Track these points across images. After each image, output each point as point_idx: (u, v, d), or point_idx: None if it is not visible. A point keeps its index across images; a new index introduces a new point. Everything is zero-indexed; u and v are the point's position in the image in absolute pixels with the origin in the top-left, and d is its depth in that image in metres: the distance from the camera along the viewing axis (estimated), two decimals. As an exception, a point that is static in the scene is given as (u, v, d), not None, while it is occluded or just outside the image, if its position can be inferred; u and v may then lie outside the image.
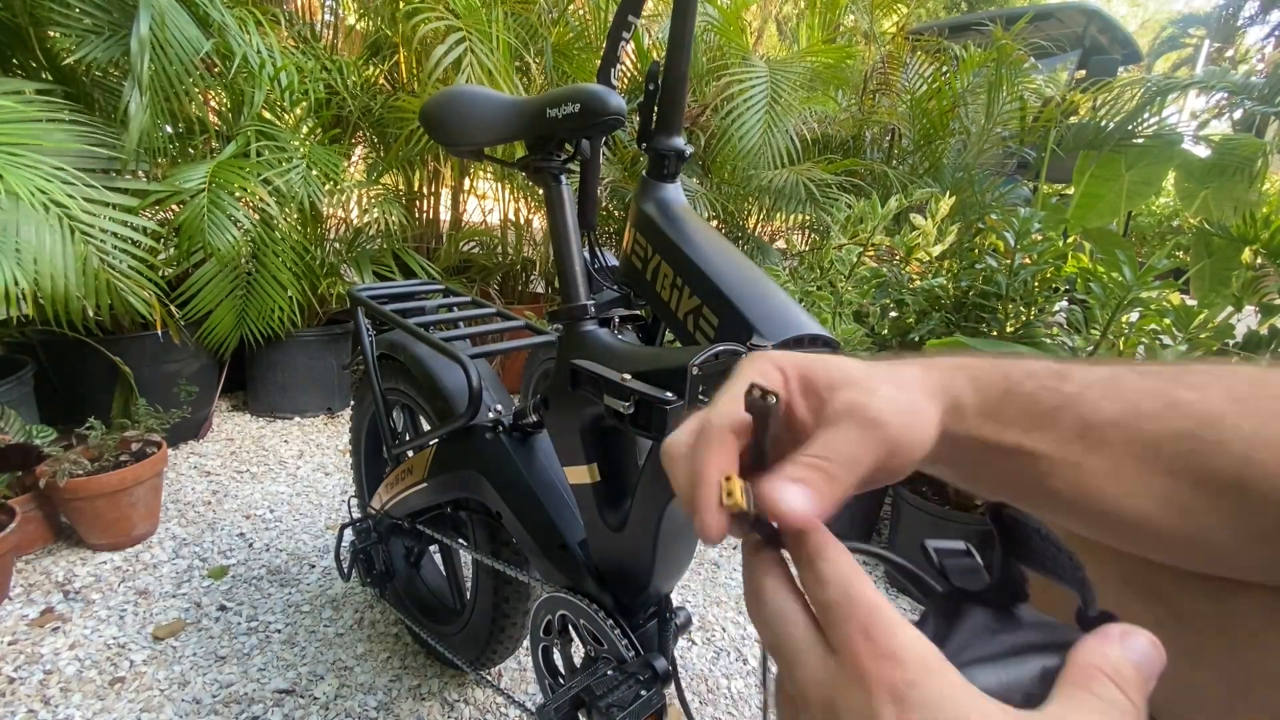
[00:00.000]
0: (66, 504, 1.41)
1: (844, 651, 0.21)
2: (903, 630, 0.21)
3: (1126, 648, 0.22)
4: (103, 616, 1.27)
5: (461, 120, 0.80)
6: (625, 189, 2.46)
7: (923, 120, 2.80)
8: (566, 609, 0.78)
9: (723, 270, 0.68)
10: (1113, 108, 2.54)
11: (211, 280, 1.87)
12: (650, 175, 0.81)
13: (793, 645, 0.23)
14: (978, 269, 1.61)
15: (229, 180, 1.72)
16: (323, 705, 1.10)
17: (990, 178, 2.71)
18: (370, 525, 1.12)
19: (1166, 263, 1.37)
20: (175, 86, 1.65)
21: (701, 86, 2.67)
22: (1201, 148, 2.70)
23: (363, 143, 2.60)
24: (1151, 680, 0.22)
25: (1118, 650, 0.22)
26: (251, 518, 1.65)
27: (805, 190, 2.37)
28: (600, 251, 0.89)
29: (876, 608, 0.21)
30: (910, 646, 0.20)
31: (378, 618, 1.31)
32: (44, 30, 1.64)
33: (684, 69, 0.76)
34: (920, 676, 0.20)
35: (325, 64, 2.16)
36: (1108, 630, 0.22)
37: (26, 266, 1.31)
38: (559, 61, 2.49)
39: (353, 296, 1.07)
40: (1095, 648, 0.22)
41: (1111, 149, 2.59)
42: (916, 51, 3.03)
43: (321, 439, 2.13)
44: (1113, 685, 0.21)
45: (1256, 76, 2.70)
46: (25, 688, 1.10)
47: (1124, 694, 0.21)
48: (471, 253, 2.94)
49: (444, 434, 0.91)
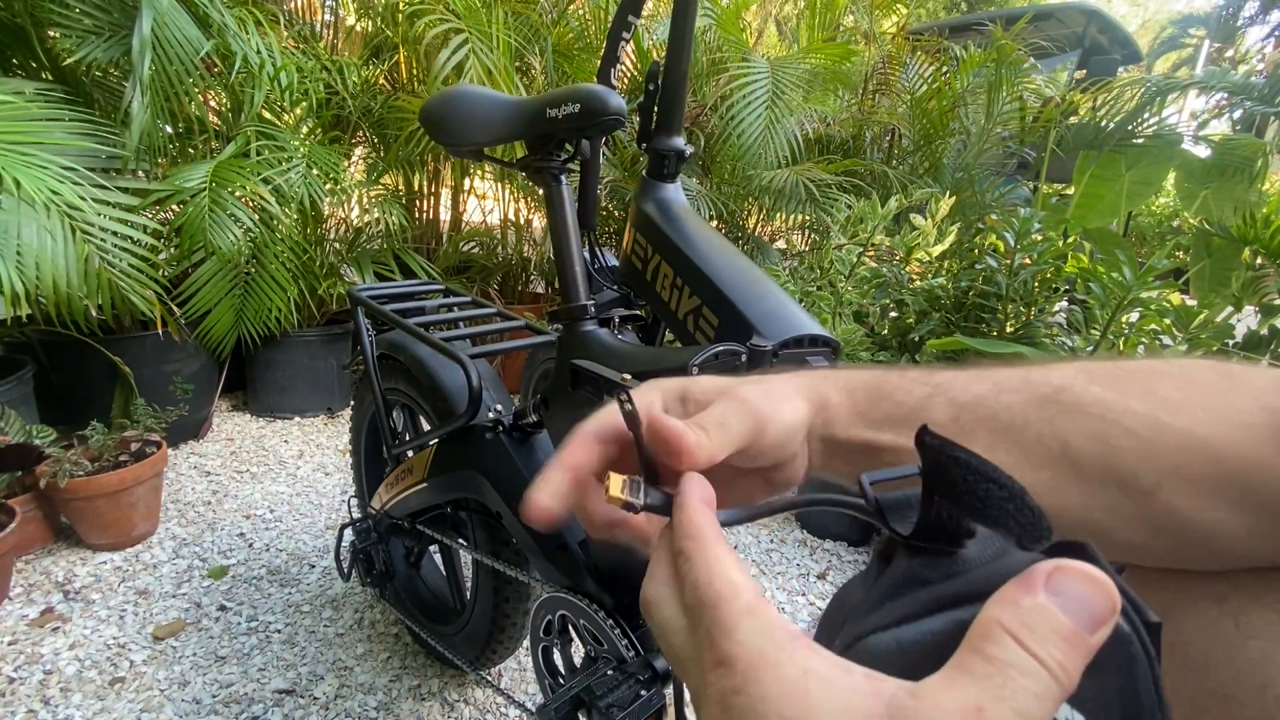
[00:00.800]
0: (66, 504, 1.41)
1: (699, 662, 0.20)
2: (743, 626, 0.19)
3: (1052, 590, 0.17)
4: (103, 616, 1.27)
5: (461, 120, 0.79)
6: (625, 189, 2.46)
7: (923, 120, 2.80)
8: (566, 609, 0.78)
9: (723, 270, 0.68)
10: (1113, 108, 2.54)
11: (211, 280, 1.87)
12: (650, 175, 0.81)
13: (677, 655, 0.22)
14: (978, 269, 1.61)
15: (229, 180, 1.72)
16: (323, 705, 1.10)
17: (990, 178, 2.71)
18: (370, 525, 1.12)
19: (1166, 263, 1.37)
20: (176, 86, 1.65)
21: (701, 86, 2.67)
22: (1201, 148, 2.70)
23: (363, 143, 2.60)
24: (1094, 629, 0.17)
25: (1037, 596, 0.17)
26: (251, 518, 1.65)
27: (805, 190, 2.37)
28: (600, 251, 0.89)
29: (719, 604, 0.20)
30: (745, 644, 0.19)
31: (378, 618, 1.31)
32: (45, 30, 1.64)
33: (684, 69, 0.76)
34: (745, 682, 0.18)
35: (325, 64, 2.16)
36: (1034, 570, 0.17)
37: (28, 268, 1.31)
38: (559, 62, 2.49)
39: (353, 296, 1.07)
40: (1009, 594, 0.17)
41: (1111, 149, 2.59)
42: (916, 52, 3.03)
43: (321, 439, 2.13)
44: (1013, 643, 0.16)
45: (1256, 76, 2.69)
46: (25, 688, 1.10)
47: (1030, 652, 0.16)
48: (471, 253, 2.94)
49: (444, 434, 0.91)
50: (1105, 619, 0.17)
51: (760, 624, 0.19)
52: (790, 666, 0.18)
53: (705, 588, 0.21)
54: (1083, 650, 0.17)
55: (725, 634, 0.19)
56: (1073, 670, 0.16)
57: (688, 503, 0.24)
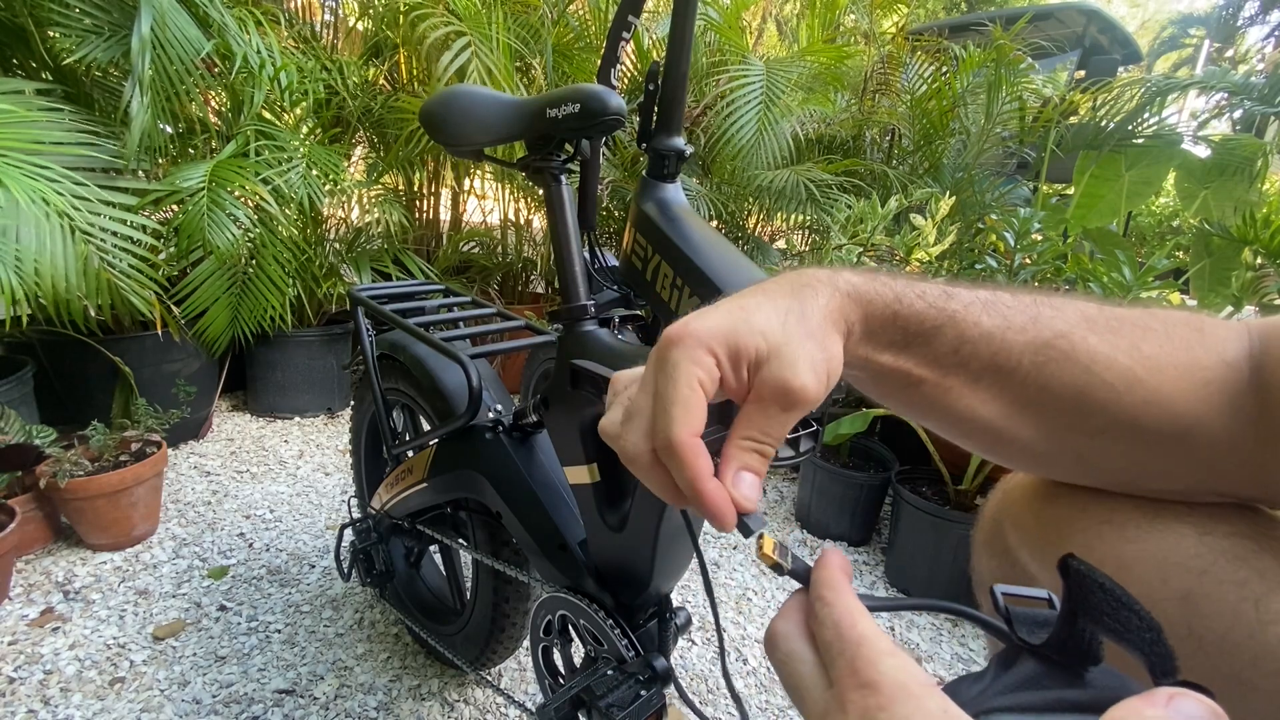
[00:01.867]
0: (66, 504, 1.41)
1: (835, 685, 0.22)
2: (886, 662, 0.22)
3: (1171, 709, 0.19)
4: (103, 616, 1.27)
5: (461, 120, 0.79)
6: (625, 189, 2.46)
7: (923, 120, 2.80)
8: (566, 609, 0.78)
9: (723, 270, 0.68)
10: (1113, 108, 2.54)
11: (208, 279, 1.88)
12: (650, 175, 0.81)
13: (799, 682, 0.24)
14: (978, 269, 1.61)
15: (229, 179, 1.72)
16: (323, 705, 1.10)
17: (990, 178, 2.71)
18: (370, 525, 1.12)
19: (1166, 263, 1.37)
20: (175, 86, 1.65)
21: (701, 86, 2.67)
22: (1201, 148, 2.70)
23: (363, 143, 2.60)
24: None
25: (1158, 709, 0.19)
26: (251, 518, 1.65)
27: (805, 190, 2.36)
28: (600, 251, 0.89)
29: (864, 643, 0.22)
30: (889, 675, 0.21)
31: (378, 618, 1.31)
32: (44, 30, 1.64)
33: (684, 69, 0.76)
34: (892, 702, 0.20)
35: (325, 64, 2.16)
36: (1157, 691, 0.20)
37: (26, 269, 1.31)
38: (559, 62, 2.49)
39: (353, 296, 1.07)
40: (1134, 704, 0.20)
41: (1111, 149, 2.59)
42: (916, 52, 3.03)
43: (321, 439, 2.13)
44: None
45: (1256, 76, 2.69)
46: (25, 688, 1.10)
47: None
48: (471, 253, 2.94)
49: (444, 434, 0.91)
50: None
51: (903, 664, 0.22)
52: (931, 702, 0.20)
53: (849, 628, 0.23)
54: None
55: (870, 665, 0.22)
56: None
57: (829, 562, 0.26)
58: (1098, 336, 0.32)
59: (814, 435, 0.47)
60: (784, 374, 0.29)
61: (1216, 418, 0.30)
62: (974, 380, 0.33)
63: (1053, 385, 0.32)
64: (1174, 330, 0.32)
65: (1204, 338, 0.32)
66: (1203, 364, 0.31)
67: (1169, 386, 0.30)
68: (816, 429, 0.61)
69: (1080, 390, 0.31)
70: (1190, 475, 0.31)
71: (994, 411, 0.33)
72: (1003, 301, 0.33)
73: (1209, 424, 0.30)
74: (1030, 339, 0.32)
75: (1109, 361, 0.31)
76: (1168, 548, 0.30)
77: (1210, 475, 0.30)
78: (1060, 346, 0.32)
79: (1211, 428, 0.30)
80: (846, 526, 1.69)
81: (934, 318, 0.33)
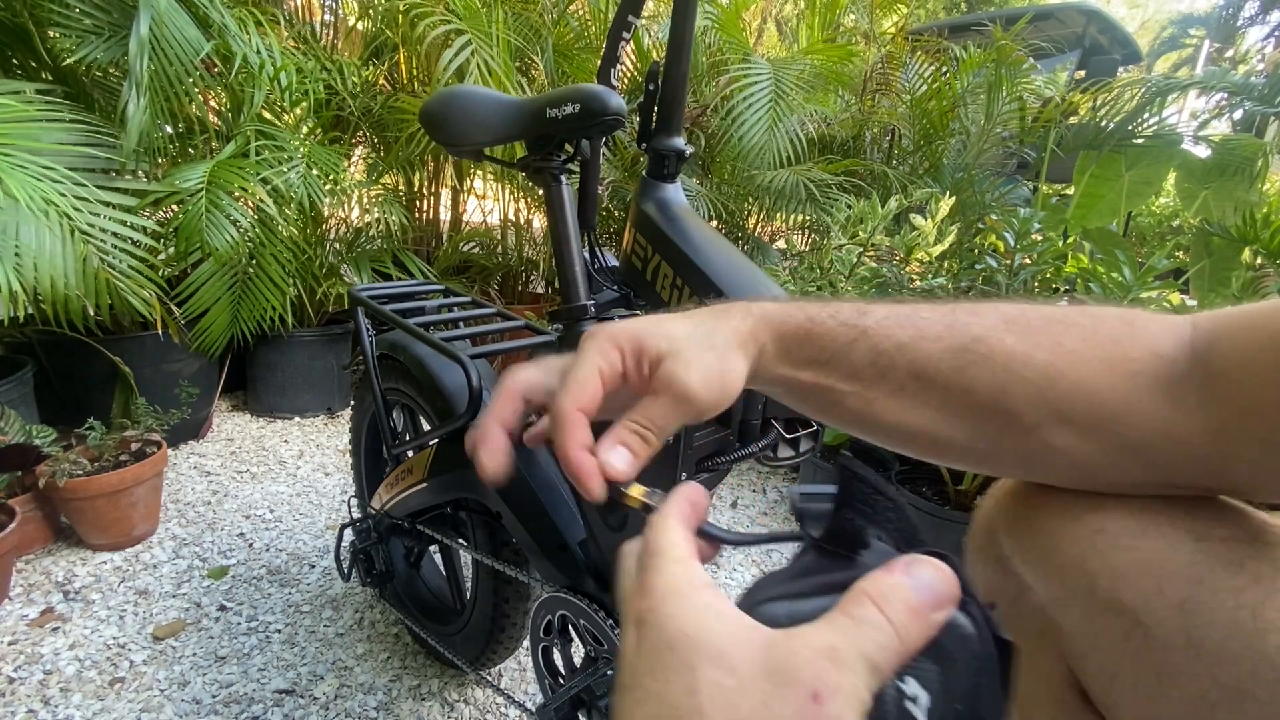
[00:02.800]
0: (66, 504, 1.41)
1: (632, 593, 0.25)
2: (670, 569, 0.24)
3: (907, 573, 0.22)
4: (103, 616, 1.27)
5: (461, 120, 0.79)
6: (625, 189, 2.46)
7: (923, 120, 2.80)
8: (566, 609, 0.78)
9: (723, 270, 0.68)
10: (1113, 108, 2.54)
11: (209, 280, 1.87)
12: (650, 175, 0.81)
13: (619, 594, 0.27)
14: (978, 269, 1.61)
15: (228, 180, 1.71)
16: (323, 705, 1.10)
17: (990, 178, 2.71)
18: (370, 525, 1.12)
19: (1166, 263, 1.37)
20: (175, 87, 1.64)
21: (701, 87, 2.67)
22: (1201, 148, 2.70)
23: (363, 143, 2.60)
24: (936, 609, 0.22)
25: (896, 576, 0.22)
26: (251, 518, 1.65)
27: (805, 190, 2.37)
28: (600, 251, 0.89)
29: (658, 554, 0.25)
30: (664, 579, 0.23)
31: (378, 618, 1.31)
32: (44, 30, 1.64)
33: (684, 69, 0.76)
34: (661, 604, 0.23)
35: (325, 64, 2.16)
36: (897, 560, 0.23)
37: (26, 268, 1.31)
38: (559, 62, 2.49)
39: (353, 296, 1.07)
40: (875, 575, 0.22)
41: (1111, 149, 2.59)
42: (916, 52, 3.03)
43: (321, 439, 2.13)
44: (872, 606, 0.21)
45: (1256, 77, 2.69)
46: (25, 688, 1.10)
47: (882, 613, 0.21)
48: (471, 253, 2.94)
49: (444, 434, 0.91)
50: (945, 603, 0.22)
51: (684, 570, 0.24)
52: (696, 599, 0.23)
53: (653, 542, 0.26)
54: (923, 622, 0.21)
55: (655, 572, 0.24)
56: (913, 633, 0.21)
57: (678, 492, 0.29)
58: (1015, 336, 0.32)
59: (814, 435, 0.47)
60: (676, 372, 0.32)
61: (1149, 406, 0.30)
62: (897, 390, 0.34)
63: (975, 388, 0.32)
64: (1101, 325, 0.32)
65: (1134, 330, 0.32)
66: (1130, 355, 0.31)
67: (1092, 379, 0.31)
68: (817, 429, 0.62)
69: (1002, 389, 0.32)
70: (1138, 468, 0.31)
71: (924, 419, 0.34)
72: (918, 313, 0.35)
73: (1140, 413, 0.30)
74: (946, 345, 0.33)
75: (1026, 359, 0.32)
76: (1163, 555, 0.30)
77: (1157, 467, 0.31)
78: (977, 350, 0.32)
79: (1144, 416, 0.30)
80: (846, 526, 1.69)
81: (846, 334, 0.35)
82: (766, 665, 0.20)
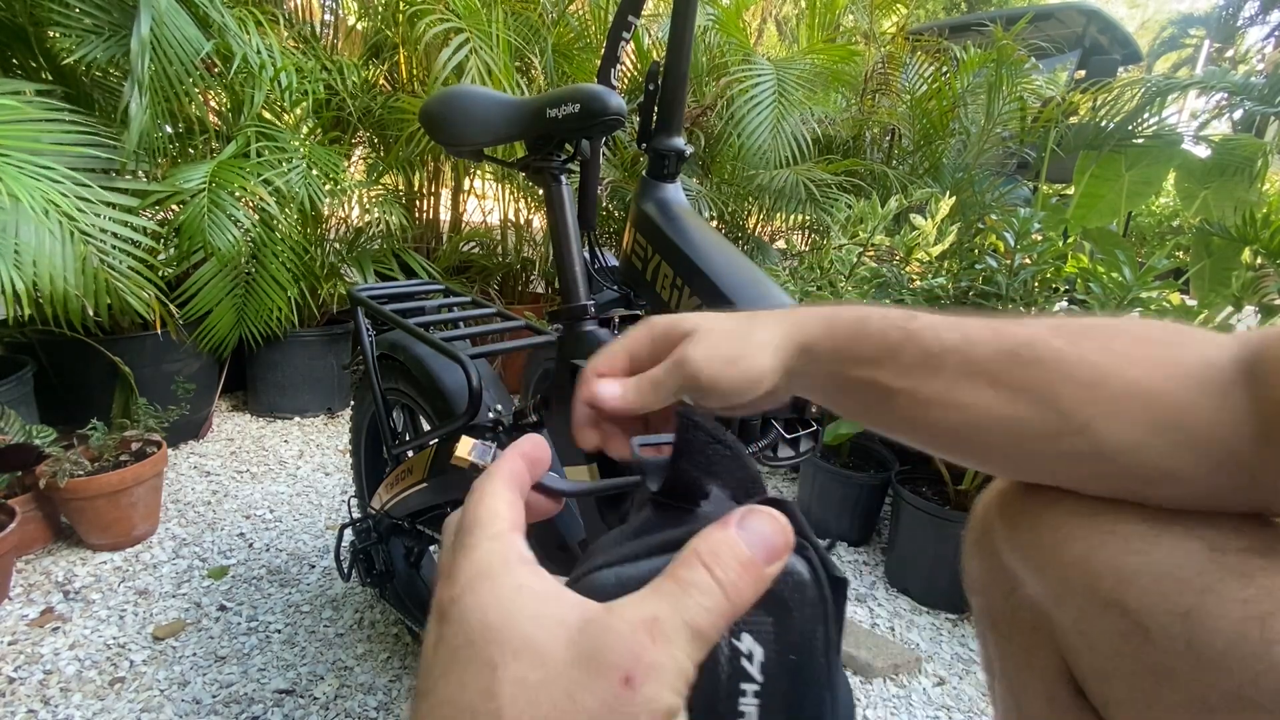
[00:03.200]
0: (66, 504, 1.41)
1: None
2: (483, 546, 0.21)
3: (741, 527, 0.20)
4: (103, 616, 1.27)
5: (461, 120, 0.79)
6: (625, 189, 2.46)
7: (923, 120, 2.80)
8: (566, 609, 0.78)
9: (722, 270, 0.69)
10: (1113, 108, 2.54)
11: (211, 280, 1.87)
12: (650, 175, 0.81)
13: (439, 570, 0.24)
14: (978, 269, 1.61)
15: (229, 180, 1.72)
16: (323, 705, 1.10)
17: (990, 178, 2.71)
18: (370, 525, 1.12)
19: (1166, 263, 1.37)
20: (175, 87, 1.65)
21: (701, 87, 2.67)
22: (1201, 148, 2.70)
23: (363, 143, 2.60)
24: (770, 561, 0.20)
25: (728, 531, 0.20)
26: (251, 518, 1.65)
27: (805, 190, 2.37)
28: (600, 251, 0.89)
29: (474, 528, 0.22)
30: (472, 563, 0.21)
31: (378, 618, 1.31)
32: (44, 30, 1.64)
33: (684, 69, 0.76)
34: (463, 592, 0.20)
35: (325, 64, 2.16)
36: (732, 513, 0.21)
37: (25, 268, 1.31)
38: (559, 62, 2.49)
39: (353, 296, 1.07)
40: (707, 532, 0.20)
41: (1111, 149, 2.59)
42: (916, 52, 3.03)
43: (321, 439, 2.13)
44: (700, 567, 0.19)
45: (1256, 77, 2.70)
46: (25, 688, 1.10)
47: (711, 574, 0.19)
48: (471, 253, 2.94)
49: (444, 434, 0.91)
50: (780, 554, 0.20)
51: (499, 548, 0.21)
52: (508, 580, 0.20)
53: (470, 514, 0.23)
54: (756, 576, 0.20)
55: (466, 553, 0.21)
56: (745, 591, 0.19)
57: (512, 447, 0.26)
58: (1064, 340, 0.32)
59: (814, 435, 0.47)
60: (686, 346, 0.35)
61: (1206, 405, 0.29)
62: (947, 391, 0.34)
63: (1026, 388, 0.32)
64: (1149, 330, 0.32)
65: (1182, 337, 0.32)
66: (1180, 359, 0.30)
67: (1146, 378, 0.30)
68: (817, 429, 0.62)
69: (1052, 389, 0.31)
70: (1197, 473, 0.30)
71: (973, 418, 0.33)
72: (964, 320, 0.35)
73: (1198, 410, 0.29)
74: (994, 349, 0.33)
75: (1077, 359, 0.31)
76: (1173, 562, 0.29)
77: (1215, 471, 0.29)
78: (1024, 354, 0.32)
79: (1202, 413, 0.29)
80: (847, 526, 1.69)
81: (896, 335, 0.35)
82: (579, 650, 0.18)
